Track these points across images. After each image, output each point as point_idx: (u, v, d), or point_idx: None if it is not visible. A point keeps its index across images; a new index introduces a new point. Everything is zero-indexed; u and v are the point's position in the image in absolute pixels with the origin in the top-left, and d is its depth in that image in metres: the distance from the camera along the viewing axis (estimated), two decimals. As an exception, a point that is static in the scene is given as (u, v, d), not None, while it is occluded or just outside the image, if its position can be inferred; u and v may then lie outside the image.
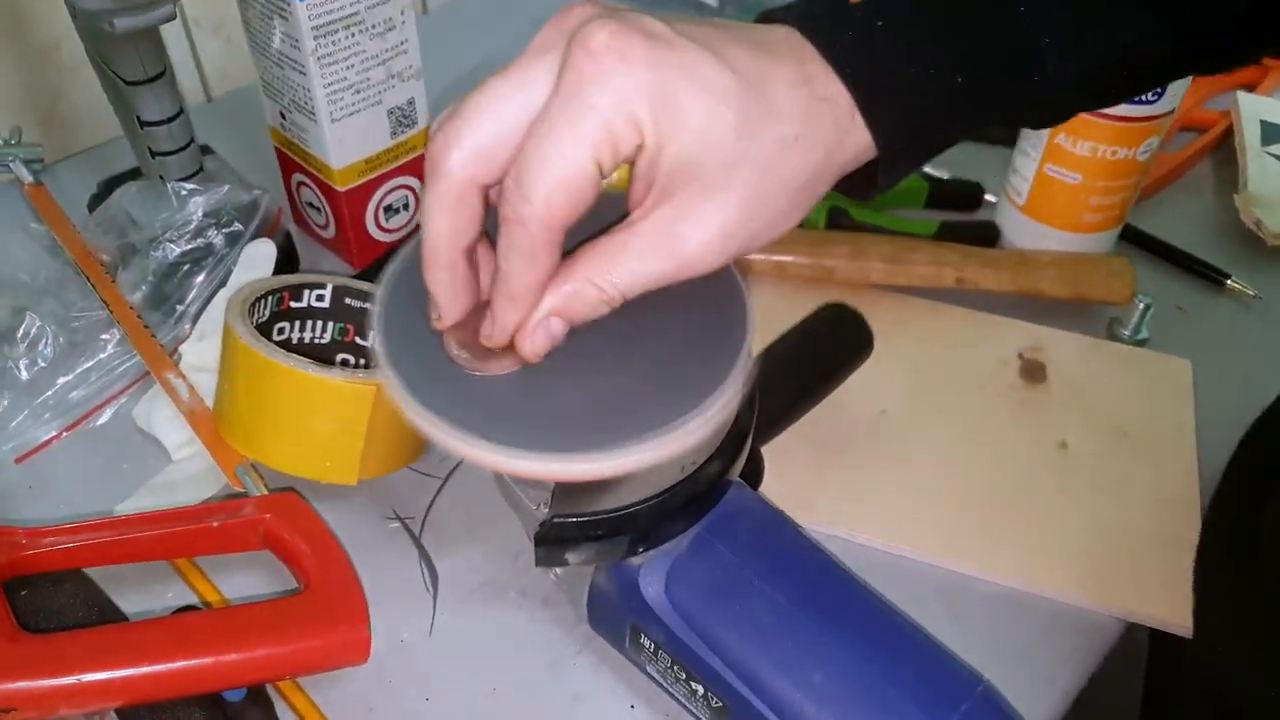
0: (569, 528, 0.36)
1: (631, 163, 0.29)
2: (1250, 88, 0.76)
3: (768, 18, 0.31)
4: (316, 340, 0.54)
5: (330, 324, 0.54)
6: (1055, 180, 0.60)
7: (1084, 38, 0.30)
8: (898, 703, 0.35)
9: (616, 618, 0.40)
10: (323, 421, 0.45)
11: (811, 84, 0.29)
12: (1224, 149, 0.73)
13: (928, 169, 0.69)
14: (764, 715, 0.36)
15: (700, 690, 0.38)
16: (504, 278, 0.29)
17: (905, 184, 0.67)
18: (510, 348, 0.31)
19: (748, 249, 0.29)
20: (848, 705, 0.35)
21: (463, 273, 0.30)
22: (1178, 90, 0.56)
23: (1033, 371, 0.57)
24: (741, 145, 0.28)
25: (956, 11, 0.30)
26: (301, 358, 0.45)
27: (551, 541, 0.36)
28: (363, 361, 0.54)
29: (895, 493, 0.50)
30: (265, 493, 0.46)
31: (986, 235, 0.64)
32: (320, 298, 0.53)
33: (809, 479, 0.50)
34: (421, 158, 0.60)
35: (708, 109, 0.27)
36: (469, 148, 0.28)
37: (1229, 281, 0.63)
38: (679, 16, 0.29)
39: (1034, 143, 0.60)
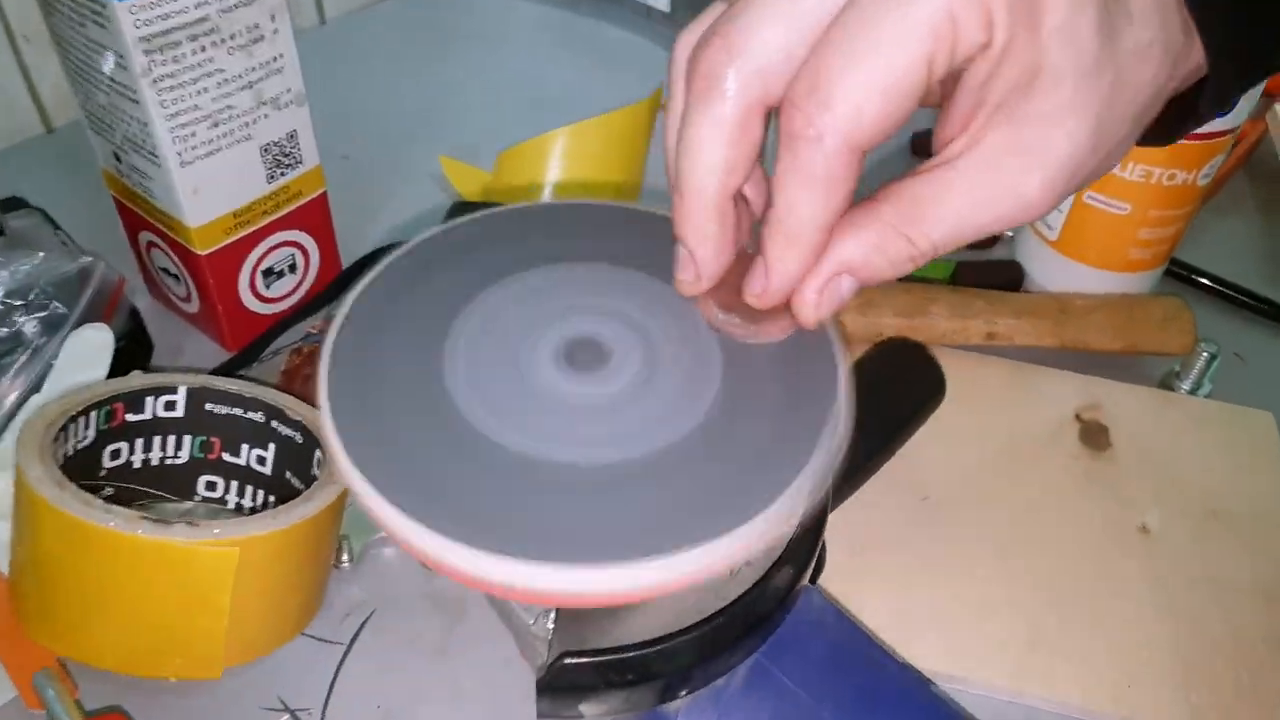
0: (584, 671, 0.28)
1: (952, 80, 0.24)
2: (1272, 96, 0.67)
3: None
4: (169, 461, 0.40)
5: (188, 439, 0.40)
6: (1097, 211, 0.49)
7: None
8: None
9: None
10: (165, 601, 0.32)
11: None
12: (1254, 165, 0.64)
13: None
14: None
15: None
16: (784, 214, 0.24)
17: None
18: (784, 309, 0.26)
19: (1076, 191, 0.25)
20: None
21: (731, 221, 0.26)
22: (1249, 102, 0.45)
23: (1094, 436, 0.46)
24: (1102, 50, 0.23)
25: None
26: (128, 513, 0.31)
27: (561, 689, 0.28)
28: (234, 487, 0.41)
29: (949, 603, 0.40)
30: None
31: (1010, 276, 0.54)
32: (170, 405, 0.39)
33: (843, 588, 0.39)
34: (310, 205, 0.47)
35: (1069, 2, 0.22)
36: (757, 58, 0.23)
37: (1292, 320, 0.53)
38: None
39: (1069, 165, 0.50)
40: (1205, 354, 0.48)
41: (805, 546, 0.29)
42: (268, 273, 0.47)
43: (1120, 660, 0.38)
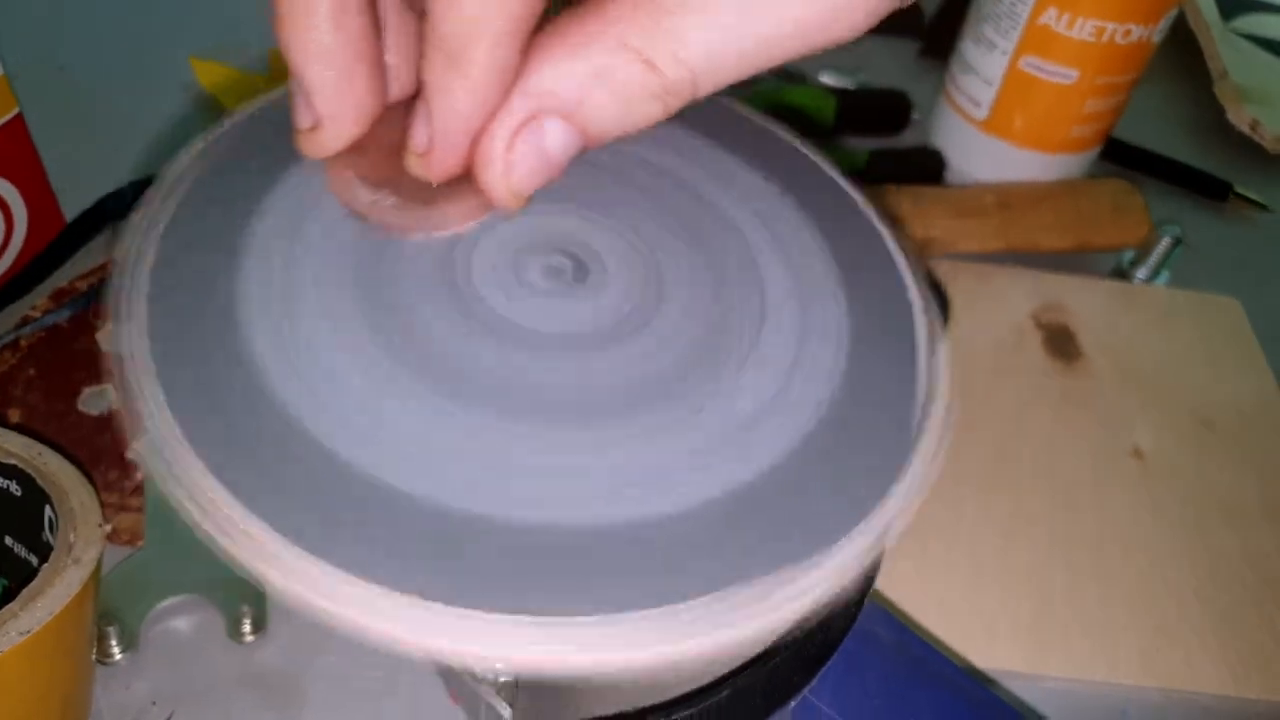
0: None
1: None
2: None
3: None
4: None
5: None
6: (1038, 81, 0.41)
7: None
8: None
9: None
10: None
11: None
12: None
13: (832, 80, 0.49)
14: None
15: None
16: (441, 15, 0.15)
17: (807, 100, 0.46)
18: (466, 179, 0.17)
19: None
20: None
21: (367, 29, 0.16)
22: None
23: (1061, 343, 0.39)
24: None
25: None
26: None
27: None
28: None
29: (941, 572, 0.32)
30: None
31: (930, 166, 0.45)
32: None
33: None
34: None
35: None
36: None
37: (1232, 194, 0.48)
38: None
39: (1003, 28, 0.41)
40: (1167, 238, 0.42)
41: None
42: (-54, 239, 0.33)
43: (1144, 619, 0.32)
